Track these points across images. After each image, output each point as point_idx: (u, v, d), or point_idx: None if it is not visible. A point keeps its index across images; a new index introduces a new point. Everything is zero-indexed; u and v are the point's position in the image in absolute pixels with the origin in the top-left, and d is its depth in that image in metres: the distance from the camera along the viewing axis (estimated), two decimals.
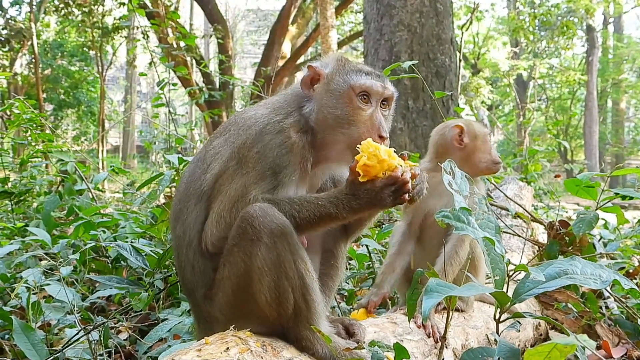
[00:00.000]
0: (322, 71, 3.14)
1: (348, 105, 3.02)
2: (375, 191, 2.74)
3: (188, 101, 13.48)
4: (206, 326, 2.97)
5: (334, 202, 2.79)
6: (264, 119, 3.05)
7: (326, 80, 3.12)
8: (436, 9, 11.12)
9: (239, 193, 2.84)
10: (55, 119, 32.19)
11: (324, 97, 3.08)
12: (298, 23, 26.13)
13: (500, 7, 48.90)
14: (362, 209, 2.79)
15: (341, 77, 3.09)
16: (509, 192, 7.18)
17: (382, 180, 2.74)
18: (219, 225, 2.84)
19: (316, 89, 3.13)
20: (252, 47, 58.74)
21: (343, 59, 3.24)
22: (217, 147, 3.08)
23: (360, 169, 2.74)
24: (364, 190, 2.76)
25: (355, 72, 3.11)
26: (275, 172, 2.89)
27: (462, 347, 3.42)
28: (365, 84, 3.05)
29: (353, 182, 2.79)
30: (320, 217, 2.80)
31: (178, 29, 11.47)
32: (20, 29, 28.21)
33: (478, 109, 33.03)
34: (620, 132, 49.84)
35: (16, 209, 7.34)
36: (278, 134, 2.96)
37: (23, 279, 4.16)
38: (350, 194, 2.78)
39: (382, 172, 2.74)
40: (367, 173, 2.74)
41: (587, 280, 2.33)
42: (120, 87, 57.13)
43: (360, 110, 3.03)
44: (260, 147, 2.93)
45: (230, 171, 2.93)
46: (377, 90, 3.08)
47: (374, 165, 2.73)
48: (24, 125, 7.26)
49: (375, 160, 2.73)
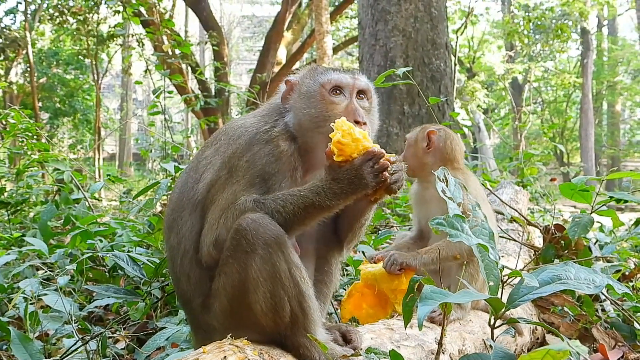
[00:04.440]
0: (295, 81, 3.22)
1: (321, 102, 3.07)
2: (355, 169, 2.75)
3: (184, 108, 13.50)
4: (203, 335, 2.98)
5: (315, 191, 2.79)
6: (252, 128, 3.09)
7: (298, 86, 3.19)
8: (431, 13, 11.14)
9: (230, 201, 2.87)
10: (51, 128, 32.19)
11: (298, 101, 3.14)
12: (293, 29, 26.17)
13: (495, 10, 48.91)
14: (344, 192, 2.78)
15: (311, 79, 3.17)
16: (505, 196, 7.19)
17: (359, 157, 2.74)
18: (212, 234, 2.86)
19: (291, 97, 3.19)
20: (248, 54, 58.78)
21: (314, 65, 3.32)
22: (208, 157, 3.11)
23: (335, 145, 2.74)
24: (342, 171, 2.76)
25: (324, 72, 3.18)
26: (265, 179, 2.92)
27: (459, 352, 3.43)
28: (333, 78, 3.12)
29: (331, 166, 2.80)
30: (305, 209, 2.79)
31: (173, 36, 11.47)
32: (15, 37, 28.21)
33: (474, 113, 33.03)
34: (616, 134, 49.93)
35: (13, 218, 7.34)
36: (267, 143, 3.00)
37: (20, 289, 4.16)
38: (330, 178, 2.79)
39: (356, 153, 2.75)
40: (342, 152, 2.74)
41: (581, 285, 2.34)
42: (116, 94, 57.10)
43: (333, 104, 3.07)
44: (249, 156, 2.96)
45: (222, 180, 2.96)
46: (347, 82, 3.12)
47: (348, 144, 2.74)
48: (20, 135, 7.27)
49: (350, 138, 2.74)
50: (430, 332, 3.42)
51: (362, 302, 3.51)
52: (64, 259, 5.29)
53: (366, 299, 3.61)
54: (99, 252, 5.18)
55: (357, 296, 3.65)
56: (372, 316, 3.58)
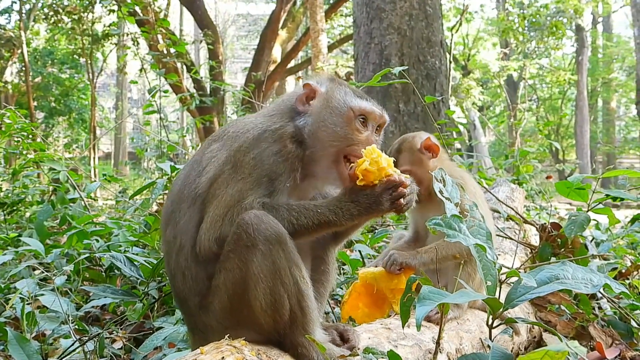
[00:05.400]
0: (318, 88, 3.21)
1: (348, 126, 3.09)
2: (375, 195, 2.84)
3: (179, 107, 13.48)
4: (201, 336, 2.96)
5: (333, 210, 2.85)
6: (262, 125, 3.10)
7: (324, 97, 3.19)
8: (425, 11, 11.14)
9: (236, 198, 2.85)
10: (47, 127, 32.14)
11: (322, 112, 3.14)
12: (288, 27, 26.16)
13: (490, 8, 49.00)
14: (360, 214, 2.86)
15: (341, 97, 3.17)
16: (501, 194, 7.19)
17: (381, 185, 2.84)
18: (214, 229, 2.84)
19: (313, 105, 3.19)
20: (243, 52, 58.75)
21: (337, 79, 3.31)
22: (214, 150, 3.09)
23: (361, 172, 2.82)
24: (362, 195, 2.85)
25: (355, 96, 3.19)
26: (271, 178, 2.92)
27: (457, 351, 3.43)
28: (365, 108, 3.14)
29: (353, 189, 2.87)
30: (318, 225, 2.84)
31: (168, 35, 11.46)
32: (10, 37, 28.20)
33: (469, 111, 33.07)
34: (611, 131, 50.06)
35: (9, 219, 7.33)
36: (275, 142, 3.00)
37: (17, 290, 4.15)
38: (350, 200, 2.86)
39: (378, 180, 2.83)
40: (366, 178, 2.83)
41: (578, 284, 2.35)
42: (111, 94, 57.06)
43: (358, 132, 3.11)
44: (256, 153, 2.96)
45: (225, 175, 2.94)
46: (375, 116, 3.17)
47: (373, 172, 2.82)
48: (16, 134, 7.25)
49: (376, 166, 2.82)
50: (428, 331, 3.42)
51: (359, 302, 3.53)
52: (60, 259, 5.28)
53: (363, 298, 3.64)
54: (95, 252, 5.17)
55: (355, 296, 3.66)
56: (368, 315, 3.60)
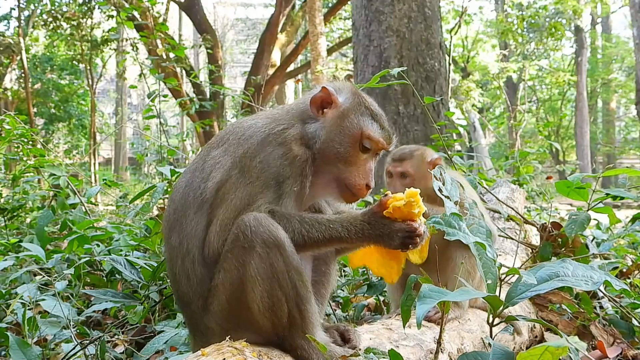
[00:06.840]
0: (336, 99, 3.16)
1: (351, 146, 3.08)
2: (391, 229, 2.80)
3: (179, 112, 13.47)
4: (202, 338, 2.95)
5: (346, 227, 2.83)
6: (265, 128, 3.06)
7: (341, 111, 3.15)
8: (424, 13, 11.13)
9: (245, 202, 2.84)
10: (47, 133, 32.10)
11: (335, 128, 3.11)
12: (287, 31, 26.17)
13: (489, 10, 49.01)
14: (370, 238, 2.84)
15: (356, 116, 3.14)
16: (501, 195, 7.20)
17: (401, 224, 2.81)
18: (223, 233, 2.82)
19: (327, 114, 3.15)
20: (242, 56, 58.73)
21: (359, 94, 3.26)
22: (216, 156, 3.05)
23: (393, 206, 2.80)
24: (381, 223, 2.82)
25: (370, 118, 3.16)
26: (279, 182, 2.90)
27: (458, 351, 3.43)
28: (375, 136, 3.12)
29: (376, 213, 2.85)
30: (329, 239, 2.83)
31: (167, 40, 11.45)
32: (9, 43, 28.18)
33: (469, 112, 33.04)
34: (611, 132, 50.02)
35: (9, 224, 7.33)
36: (280, 146, 2.98)
37: (18, 295, 4.15)
38: (367, 221, 2.83)
39: (402, 217, 2.81)
40: (393, 213, 2.81)
41: (579, 282, 2.35)
42: (111, 99, 57.10)
43: (359, 156, 3.10)
44: (262, 157, 2.94)
45: (233, 179, 2.91)
46: (381, 146, 3.15)
47: (403, 212, 2.80)
48: (16, 140, 7.26)
49: (408, 209, 2.80)
50: (429, 331, 3.42)
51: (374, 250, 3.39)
52: (61, 264, 5.28)
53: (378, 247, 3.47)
54: (96, 257, 5.17)
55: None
56: (383, 265, 3.41)
